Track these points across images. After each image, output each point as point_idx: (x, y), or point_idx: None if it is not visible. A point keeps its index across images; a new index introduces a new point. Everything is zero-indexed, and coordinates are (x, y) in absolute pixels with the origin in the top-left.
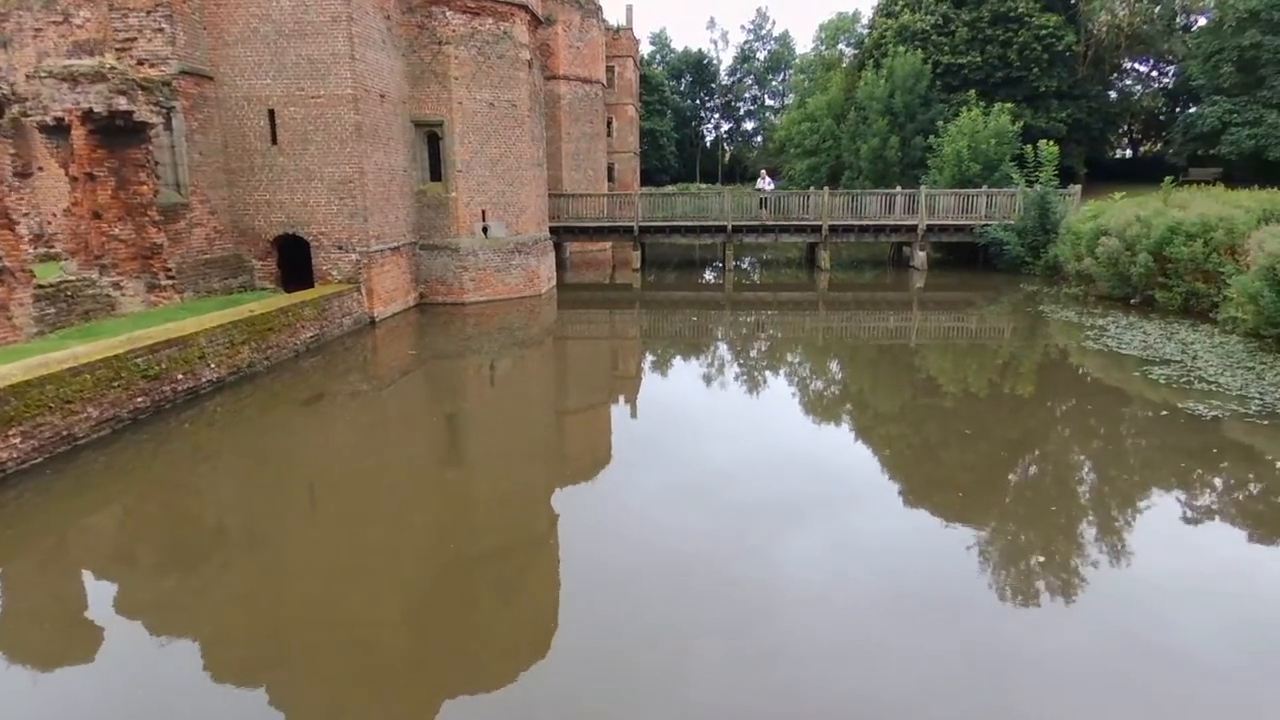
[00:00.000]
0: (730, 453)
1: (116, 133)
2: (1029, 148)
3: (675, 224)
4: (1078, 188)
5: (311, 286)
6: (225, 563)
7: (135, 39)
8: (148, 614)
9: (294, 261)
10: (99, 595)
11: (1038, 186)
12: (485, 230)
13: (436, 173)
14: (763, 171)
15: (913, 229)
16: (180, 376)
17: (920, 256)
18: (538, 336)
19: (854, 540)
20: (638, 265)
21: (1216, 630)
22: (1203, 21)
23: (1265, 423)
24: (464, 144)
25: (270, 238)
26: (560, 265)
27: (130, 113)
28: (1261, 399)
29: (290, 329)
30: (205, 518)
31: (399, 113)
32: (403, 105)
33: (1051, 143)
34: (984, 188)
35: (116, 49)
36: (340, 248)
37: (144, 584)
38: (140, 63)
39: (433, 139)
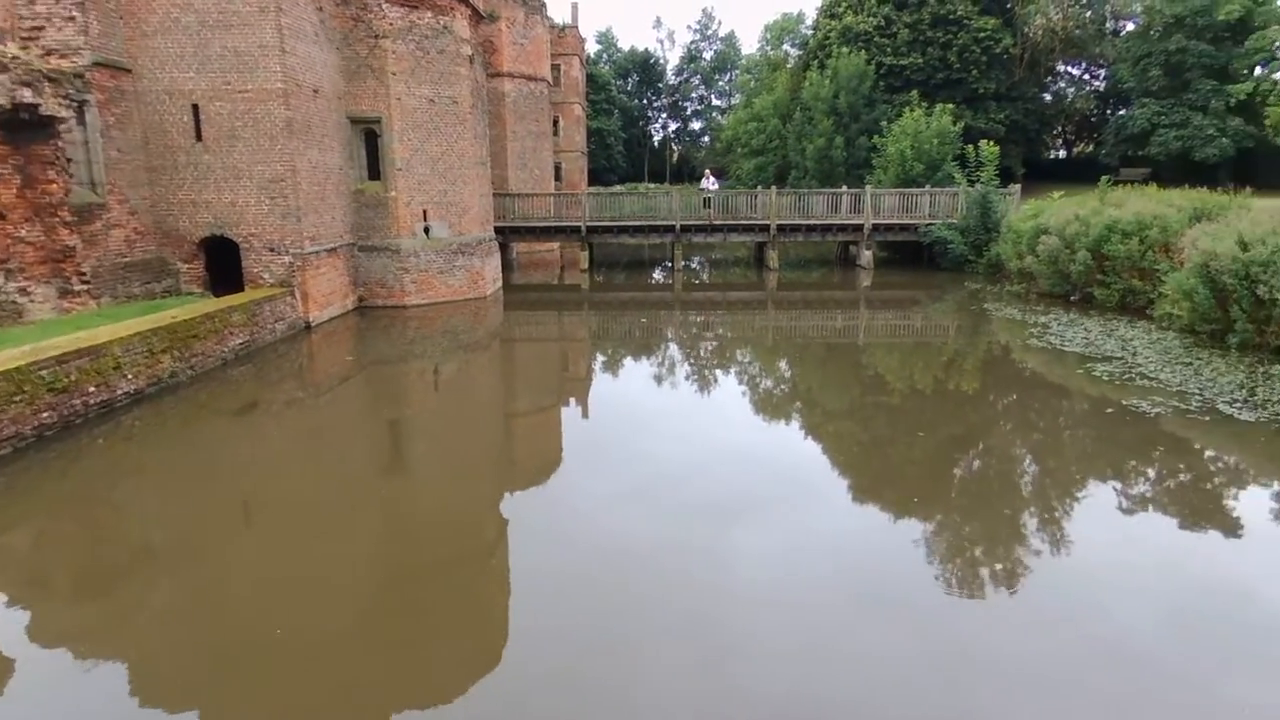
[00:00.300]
0: (681, 453)
1: (21, 127)
2: (970, 148)
3: (623, 224)
4: (1017, 187)
5: (242, 290)
6: (151, 584)
7: (43, 27)
8: (65, 642)
9: (224, 265)
10: (4, 624)
11: (979, 186)
12: (427, 231)
13: (375, 171)
14: (707, 171)
15: (859, 228)
16: (92, 389)
17: (867, 255)
18: (483, 340)
19: (807, 540)
20: (586, 266)
21: (1166, 624)
22: (1130, 27)
23: (1206, 419)
24: (403, 141)
25: (196, 239)
26: (507, 266)
27: (36, 105)
28: (1200, 394)
29: (217, 336)
30: (126, 537)
31: (334, 109)
32: (338, 101)
33: (992, 143)
34: (927, 187)
35: (23, 38)
36: (272, 250)
37: (58, 610)
38: (49, 53)
39: (370, 136)
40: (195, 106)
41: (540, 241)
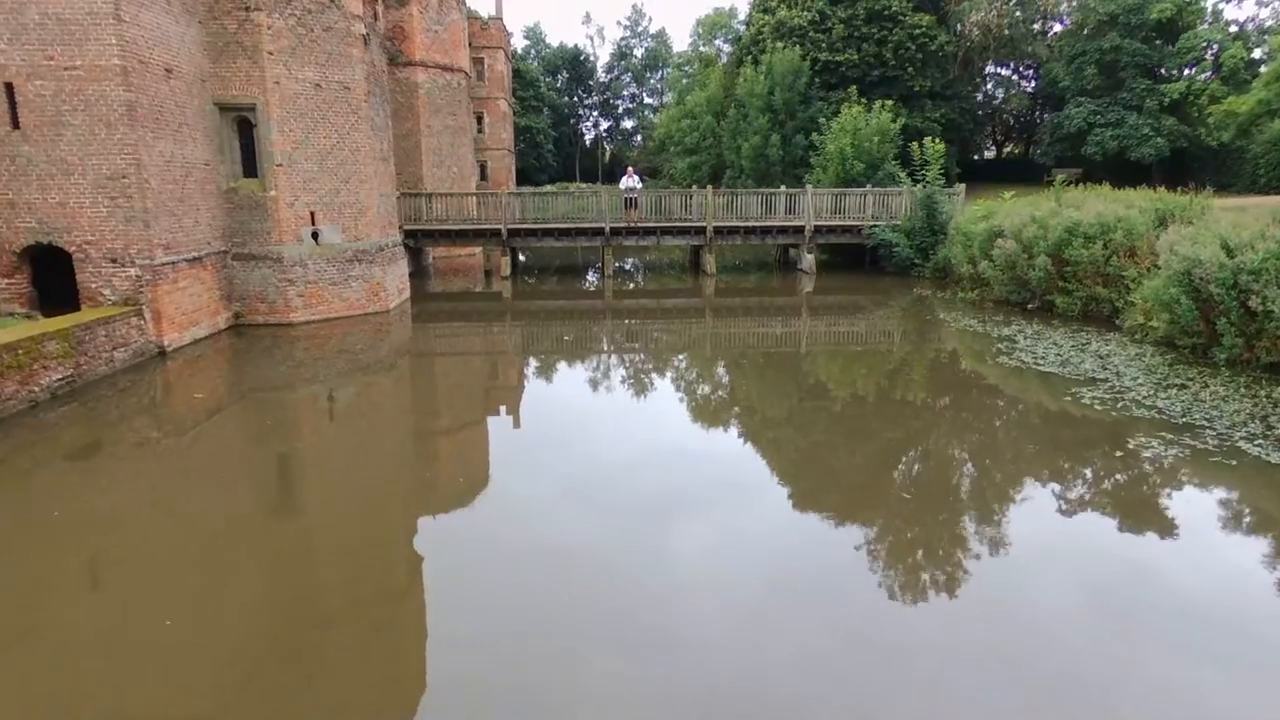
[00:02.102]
0: (608, 479)
1: None
2: (915, 145)
3: (549, 226)
4: (962, 187)
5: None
6: None
7: None
8: None
9: (63, 280)
10: None
11: (920, 186)
12: (315, 236)
13: (252, 167)
14: (628, 169)
15: (800, 230)
16: None
17: (808, 259)
18: (387, 359)
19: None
20: (508, 272)
21: None
22: (1058, 28)
23: (1232, 463)
24: (284, 132)
25: (17, 249)
26: (422, 273)
27: None
28: (1212, 428)
29: (21, 372)
30: None
31: (196, 93)
32: (201, 84)
33: (938, 140)
34: (868, 186)
35: None
36: (114, 260)
37: None
38: None
39: (245, 126)
40: (9, 86)
41: (460, 246)
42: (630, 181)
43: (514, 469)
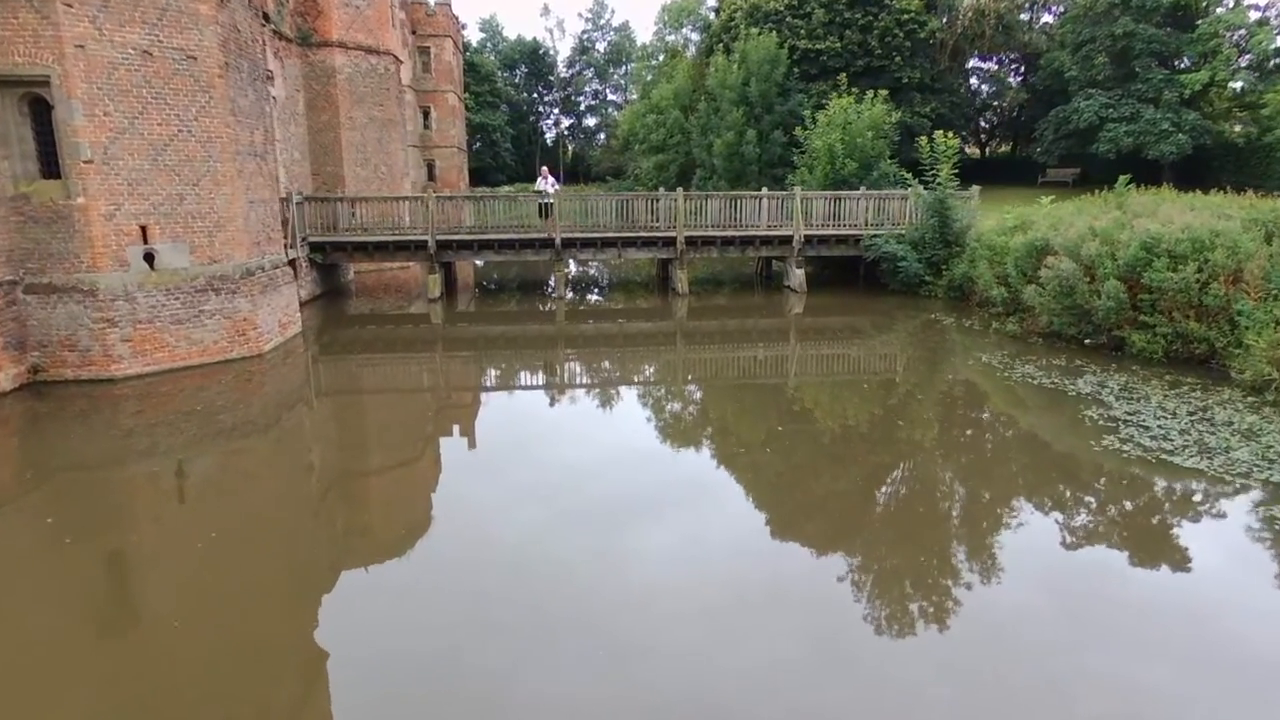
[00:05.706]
0: (543, 568)
1: None
2: (924, 140)
3: (486, 237)
4: (976, 189)
5: None
6: None
7: None
8: None
9: None
10: None
11: (922, 189)
12: (149, 258)
13: (53, 165)
14: (543, 170)
15: (787, 241)
16: None
17: (798, 275)
18: (260, 419)
19: None
20: (436, 294)
21: None
22: (1047, 19)
23: None
24: (96, 117)
25: None
26: (339, 293)
27: None
28: None
29: None
30: None
31: None
32: None
33: (950, 134)
34: (862, 189)
35: None
36: None
37: None
38: None
39: (40, 108)
40: None
41: (380, 260)
42: (544, 184)
43: (426, 555)
